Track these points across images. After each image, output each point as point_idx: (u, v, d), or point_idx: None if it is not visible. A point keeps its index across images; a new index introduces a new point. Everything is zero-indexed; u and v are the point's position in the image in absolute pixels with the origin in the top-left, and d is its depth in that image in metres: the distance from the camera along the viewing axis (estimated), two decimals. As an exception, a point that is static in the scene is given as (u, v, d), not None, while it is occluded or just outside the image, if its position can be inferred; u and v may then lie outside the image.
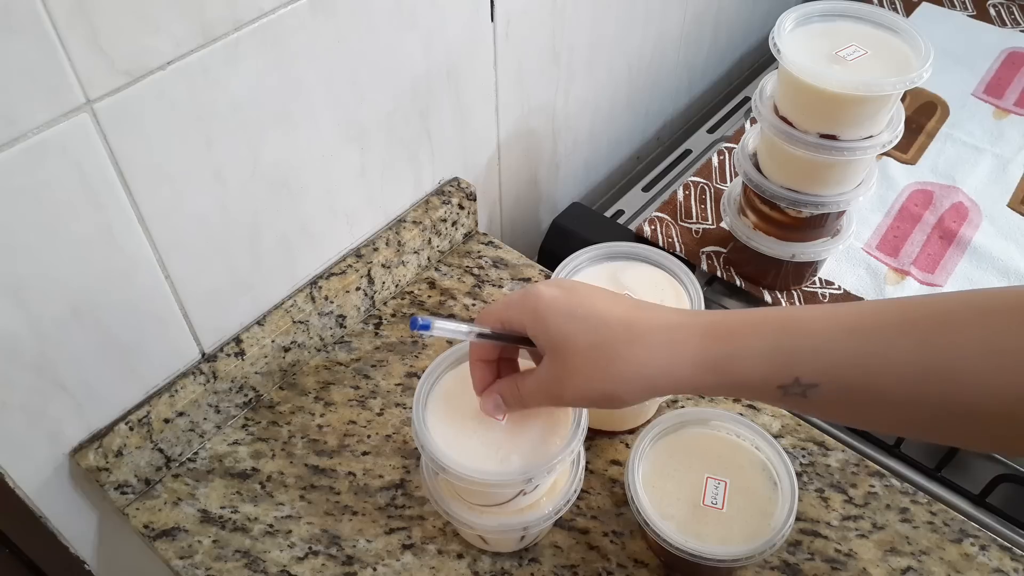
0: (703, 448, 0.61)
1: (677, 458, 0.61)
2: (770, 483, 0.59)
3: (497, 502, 0.57)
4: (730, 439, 0.62)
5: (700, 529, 0.57)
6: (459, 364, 0.59)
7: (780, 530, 0.56)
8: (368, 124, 0.70)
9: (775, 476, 0.59)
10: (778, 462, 0.59)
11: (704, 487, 0.59)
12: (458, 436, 0.55)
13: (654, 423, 0.62)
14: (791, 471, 0.58)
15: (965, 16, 1.21)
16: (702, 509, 0.58)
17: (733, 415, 0.62)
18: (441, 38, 0.72)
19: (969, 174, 0.98)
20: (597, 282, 0.64)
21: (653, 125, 1.18)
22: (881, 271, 0.88)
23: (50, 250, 0.52)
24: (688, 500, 0.58)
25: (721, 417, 0.62)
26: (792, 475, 0.58)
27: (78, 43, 0.47)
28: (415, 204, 0.81)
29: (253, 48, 0.57)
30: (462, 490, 0.58)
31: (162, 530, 0.65)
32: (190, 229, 0.60)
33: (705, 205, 0.95)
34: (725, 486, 0.59)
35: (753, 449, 0.61)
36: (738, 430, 0.62)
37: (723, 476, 0.60)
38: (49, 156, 0.49)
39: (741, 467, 0.60)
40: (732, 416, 0.62)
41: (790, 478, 0.58)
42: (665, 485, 0.59)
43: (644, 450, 0.61)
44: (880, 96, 0.68)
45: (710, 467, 0.60)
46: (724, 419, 0.62)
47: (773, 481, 0.59)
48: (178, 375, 0.67)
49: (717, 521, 0.57)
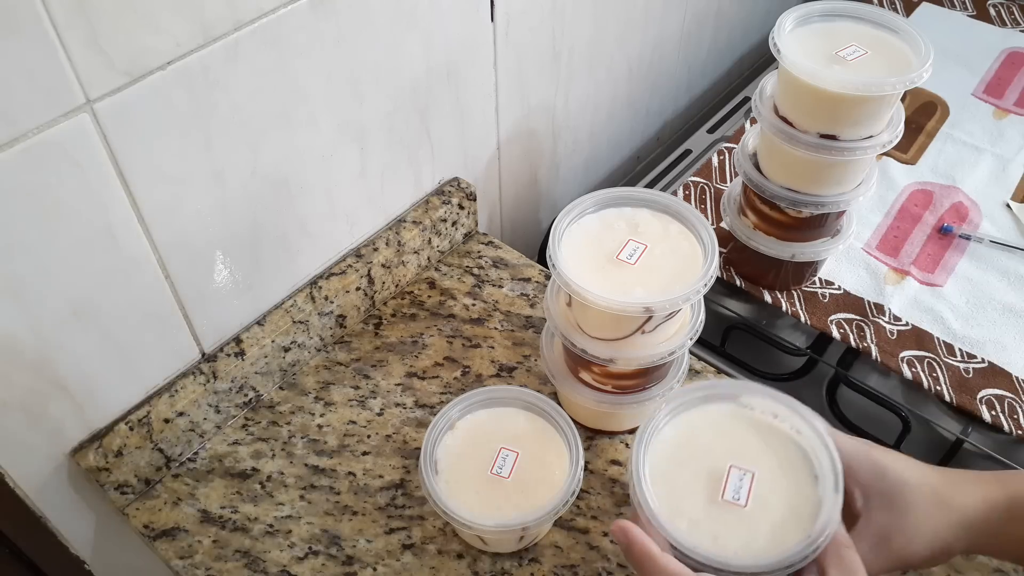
0: (729, 430, 0.51)
1: (696, 441, 0.50)
2: (810, 477, 0.48)
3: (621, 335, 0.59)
4: (764, 420, 0.51)
5: (717, 529, 0.47)
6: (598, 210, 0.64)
7: (817, 537, 0.44)
8: (368, 124, 0.70)
9: (816, 468, 0.48)
10: (822, 451, 0.48)
11: (725, 478, 0.48)
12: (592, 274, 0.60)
13: (671, 396, 0.52)
14: (837, 464, 0.47)
15: (965, 16, 1.21)
16: (721, 505, 0.47)
17: (770, 390, 0.50)
18: (441, 38, 0.72)
19: (969, 174, 0.98)
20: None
21: (653, 125, 1.18)
22: (881, 271, 0.88)
23: (50, 250, 0.52)
24: (704, 494, 0.48)
25: (754, 391, 0.51)
26: (838, 469, 0.47)
27: (78, 43, 0.47)
28: (415, 204, 0.81)
29: (253, 48, 0.57)
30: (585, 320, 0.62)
31: (162, 530, 0.65)
32: (190, 229, 0.60)
33: (705, 205, 0.95)
34: (752, 478, 0.48)
35: (792, 433, 0.50)
36: (776, 408, 0.50)
37: (750, 466, 0.49)
38: (49, 156, 0.49)
39: (775, 455, 0.49)
40: (768, 391, 0.51)
41: (835, 473, 0.47)
42: (679, 474, 0.49)
43: (657, 429, 0.51)
44: (880, 96, 0.68)
45: (736, 454, 0.49)
46: (758, 394, 0.51)
47: (814, 474, 0.48)
48: (178, 375, 0.67)
49: (739, 521, 0.47)
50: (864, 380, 0.80)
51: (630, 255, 0.61)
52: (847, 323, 0.83)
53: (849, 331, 0.82)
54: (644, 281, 0.59)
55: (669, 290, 0.58)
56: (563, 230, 0.62)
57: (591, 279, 0.59)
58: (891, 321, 0.83)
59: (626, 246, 0.61)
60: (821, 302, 0.85)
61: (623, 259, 0.60)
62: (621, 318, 0.59)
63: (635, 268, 0.60)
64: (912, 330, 0.82)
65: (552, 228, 0.61)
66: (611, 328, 0.61)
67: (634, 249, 0.61)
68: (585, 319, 0.63)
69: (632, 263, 0.60)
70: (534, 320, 0.79)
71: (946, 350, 0.80)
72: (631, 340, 0.61)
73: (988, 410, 0.75)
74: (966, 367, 0.79)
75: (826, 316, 0.83)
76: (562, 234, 0.62)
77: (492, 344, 0.77)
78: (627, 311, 0.57)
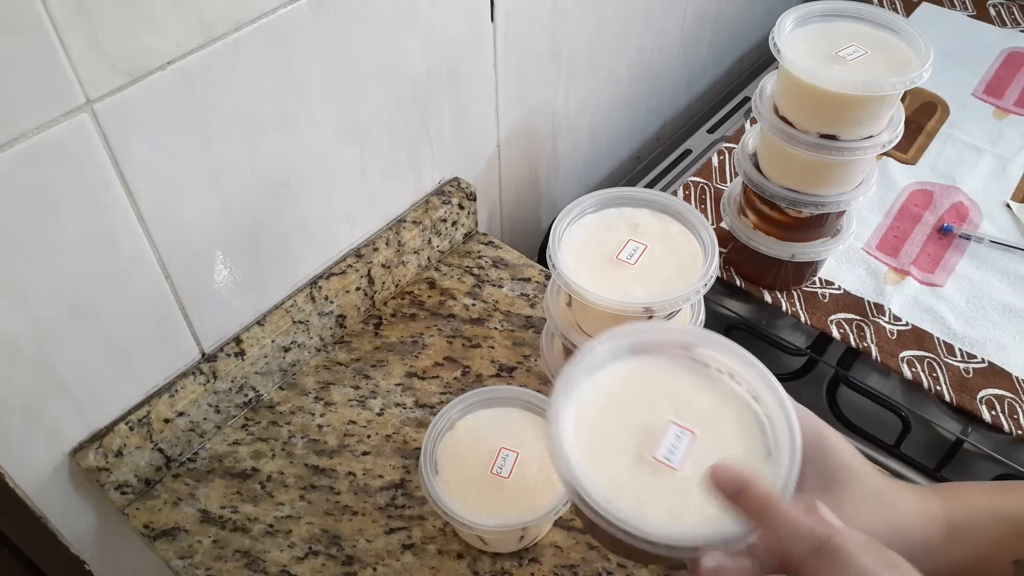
0: (676, 384, 0.44)
1: (635, 393, 0.43)
2: (760, 449, 0.41)
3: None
4: (719, 378, 0.44)
5: (642, 493, 0.40)
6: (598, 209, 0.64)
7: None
8: (368, 124, 0.70)
9: (770, 441, 0.41)
10: (781, 424, 0.41)
11: (662, 435, 0.41)
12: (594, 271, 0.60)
13: (612, 333, 0.44)
14: (796, 442, 0.40)
15: (965, 16, 1.21)
16: (650, 465, 0.40)
17: (732, 345, 0.43)
18: (441, 38, 0.72)
19: (969, 174, 0.98)
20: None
21: (653, 125, 1.18)
22: (881, 271, 0.88)
23: (50, 250, 0.52)
24: (634, 450, 0.41)
25: (713, 344, 0.44)
26: (797, 447, 0.39)
27: (78, 43, 0.47)
28: (415, 204, 0.81)
29: (253, 48, 0.57)
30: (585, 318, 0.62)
31: (162, 530, 0.65)
32: (190, 229, 0.60)
33: (705, 205, 0.95)
34: (691, 440, 0.41)
35: (748, 399, 0.43)
36: (734, 367, 0.43)
37: (693, 426, 0.42)
38: (49, 156, 0.49)
39: (724, 420, 0.42)
40: (730, 346, 0.43)
41: (792, 450, 0.39)
42: (610, 426, 0.42)
43: (591, 370, 0.43)
44: (880, 96, 0.68)
45: (679, 410, 0.42)
46: (717, 347, 0.44)
47: (766, 448, 0.41)
48: (178, 375, 0.67)
49: (669, 486, 0.40)
50: (864, 380, 0.80)
51: (630, 255, 0.61)
52: (847, 323, 0.83)
53: (849, 331, 0.82)
54: (644, 281, 0.59)
55: (669, 290, 0.58)
56: (563, 230, 0.62)
57: (591, 279, 0.59)
58: (891, 321, 0.83)
59: (626, 246, 0.61)
60: (821, 302, 0.85)
61: (623, 259, 0.60)
62: (621, 318, 0.59)
63: (635, 268, 0.60)
64: (912, 330, 0.82)
65: (552, 228, 0.61)
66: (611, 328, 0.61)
67: (634, 249, 0.61)
68: (585, 319, 0.63)
69: (632, 263, 0.60)
70: (534, 320, 0.79)
71: (946, 350, 0.80)
72: None
73: (988, 410, 0.75)
74: (966, 367, 0.79)
75: (826, 316, 0.83)
76: (562, 234, 0.62)
77: (492, 344, 0.77)
78: (627, 311, 0.57)
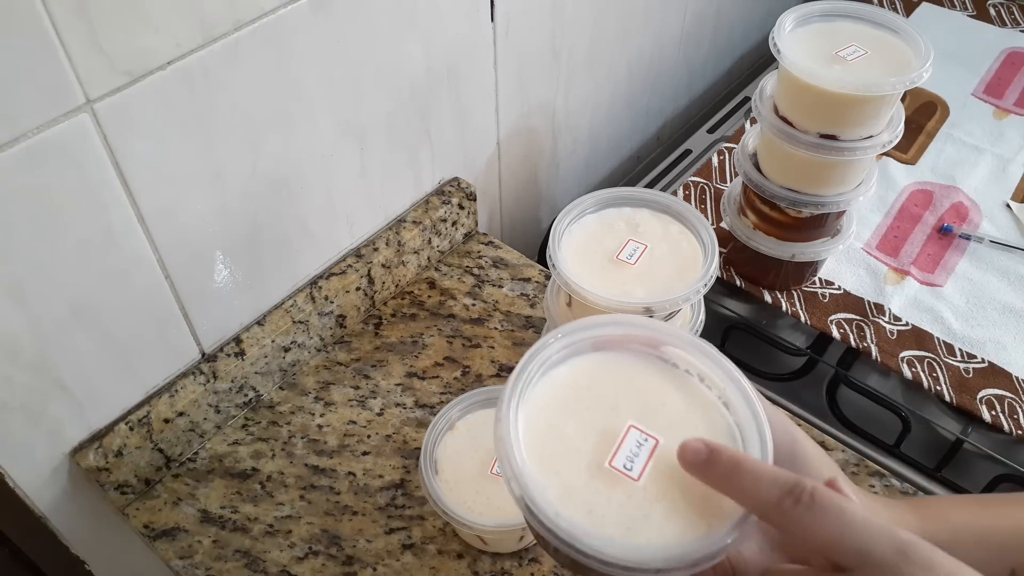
0: (641, 385, 0.40)
1: (598, 390, 0.39)
2: None
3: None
4: (688, 380, 0.40)
5: (596, 504, 0.35)
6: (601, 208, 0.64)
7: (723, 538, 0.34)
8: (368, 124, 0.70)
9: (742, 451, 0.37)
10: (752, 432, 0.37)
11: (620, 441, 0.37)
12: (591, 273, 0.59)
13: (572, 326, 0.40)
14: (768, 451, 0.36)
15: (965, 16, 1.21)
16: (606, 474, 0.36)
17: (702, 344, 0.40)
18: (441, 38, 0.72)
19: (969, 174, 0.98)
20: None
21: (653, 125, 1.18)
22: (881, 271, 0.88)
23: (50, 250, 0.52)
24: (590, 456, 0.37)
25: (682, 343, 0.40)
26: (768, 457, 0.36)
27: (78, 43, 0.47)
28: (415, 204, 0.81)
29: (253, 48, 0.57)
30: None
31: (162, 530, 0.65)
32: (190, 229, 0.60)
33: (705, 205, 0.95)
34: (653, 447, 0.37)
35: (718, 404, 0.39)
36: (704, 369, 0.40)
37: (658, 431, 0.38)
38: (49, 156, 0.49)
39: (692, 425, 0.38)
40: (700, 346, 0.40)
41: (763, 461, 0.36)
42: (565, 427, 0.38)
43: (546, 366, 0.39)
44: (880, 96, 0.68)
45: (644, 413, 0.38)
46: (686, 347, 0.40)
47: None
48: (178, 375, 0.67)
49: (627, 498, 0.36)
50: (864, 380, 0.80)
51: (630, 255, 0.61)
52: (847, 323, 0.83)
53: (849, 331, 0.82)
54: (644, 281, 0.59)
55: (669, 290, 0.58)
56: (563, 230, 0.62)
57: (591, 279, 0.59)
58: (891, 321, 0.83)
59: (626, 246, 0.61)
60: (821, 302, 0.85)
61: (623, 259, 0.60)
62: None
63: (635, 268, 0.60)
64: (912, 330, 0.82)
65: (552, 228, 0.61)
66: None
67: (634, 249, 0.61)
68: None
69: (632, 263, 0.60)
70: (534, 320, 0.79)
71: (946, 350, 0.80)
72: None
73: (988, 410, 0.75)
74: (966, 367, 0.79)
75: (826, 316, 0.83)
76: (562, 234, 0.62)
77: (492, 344, 0.77)
78: (627, 311, 0.57)
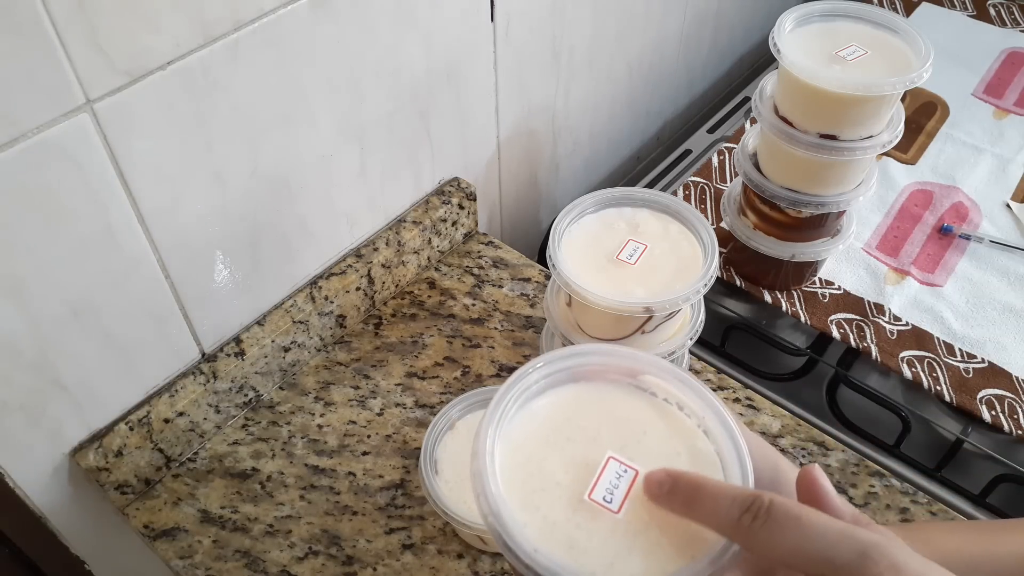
0: (622, 415, 0.39)
1: (577, 421, 0.39)
2: None
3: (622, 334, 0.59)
4: (668, 409, 0.40)
5: (577, 538, 0.35)
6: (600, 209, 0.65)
7: (705, 569, 0.33)
8: (368, 124, 0.70)
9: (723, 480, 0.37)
10: (733, 461, 0.37)
11: (599, 473, 0.37)
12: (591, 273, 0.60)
13: (550, 356, 0.40)
14: (749, 480, 0.36)
15: (965, 16, 1.21)
16: (586, 507, 0.36)
17: (681, 373, 0.39)
18: (441, 38, 0.72)
19: (969, 174, 0.98)
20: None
21: (653, 125, 1.18)
22: (881, 271, 0.88)
23: (50, 250, 0.52)
24: (571, 489, 0.36)
25: (661, 372, 0.40)
26: (749, 486, 0.35)
27: (78, 43, 0.47)
28: (415, 204, 0.81)
29: (253, 48, 0.57)
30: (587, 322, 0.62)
31: (162, 530, 0.65)
32: (190, 229, 0.60)
33: (705, 205, 0.95)
34: (633, 479, 0.36)
35: (699, 433, 0.39)
36: (683, 397, 0.39)
37: (637, 463, 0.37)
38: (49, 156, 0.49)
39: (672, 455, 0.38)
40: (678, 375, 0.39)
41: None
42: (546, 459, 0.37)
43: (528, 391, 0.39)
44: (880, 96, 0.68)
45: (624, 444, 0.38)
46: (665, 376, 0.40)
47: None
48: (178, 375, 0.67)
49: (610, 532, 0.35)
50: (864, 380, 0.80)
51: (630, 255, 0.61)
52: (847, 323, 0.83)
53: (849, 331, 0.82)
54: (644, 281, 0.59)
55: (669, 290, 0.58)
56: (563, 230, 0.62)
57: (591, 279, 0.59)
58: (891, 321, 0.83)
59: (626, 246, 0.61)
60: (821, 302, 0.85)
61: (623, 259, 0.60)
62: (621, 318, 0.59)
63: (635, 268, 0.60)
64: (912, 330, 0.82)
65: (552, 228, 0.61)
66: (611, 328, 0.61)
67: (634, 249, 0.61)
68: (585, 319, 0.63)
69: (632, 263, 0.60)
70: (534, 320, 0.79)
71: (946, 350, 0.80)
72: (631, 340, 0.61)
73: (988, 410, 0.75)
74: (966, 367, 0.79)
75: (826, 316, 0.83)
76: (562, 234, 0.62)
77: (492, 344, 0.77)
78: (627, 311, 0.57)
